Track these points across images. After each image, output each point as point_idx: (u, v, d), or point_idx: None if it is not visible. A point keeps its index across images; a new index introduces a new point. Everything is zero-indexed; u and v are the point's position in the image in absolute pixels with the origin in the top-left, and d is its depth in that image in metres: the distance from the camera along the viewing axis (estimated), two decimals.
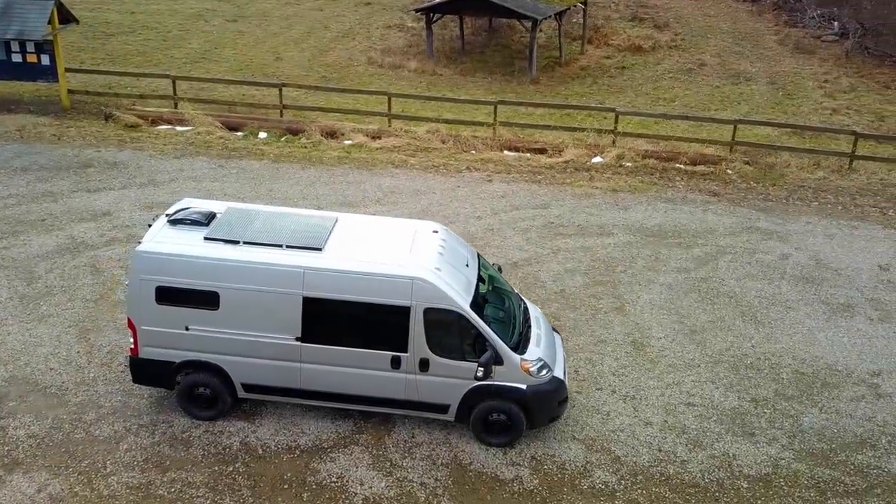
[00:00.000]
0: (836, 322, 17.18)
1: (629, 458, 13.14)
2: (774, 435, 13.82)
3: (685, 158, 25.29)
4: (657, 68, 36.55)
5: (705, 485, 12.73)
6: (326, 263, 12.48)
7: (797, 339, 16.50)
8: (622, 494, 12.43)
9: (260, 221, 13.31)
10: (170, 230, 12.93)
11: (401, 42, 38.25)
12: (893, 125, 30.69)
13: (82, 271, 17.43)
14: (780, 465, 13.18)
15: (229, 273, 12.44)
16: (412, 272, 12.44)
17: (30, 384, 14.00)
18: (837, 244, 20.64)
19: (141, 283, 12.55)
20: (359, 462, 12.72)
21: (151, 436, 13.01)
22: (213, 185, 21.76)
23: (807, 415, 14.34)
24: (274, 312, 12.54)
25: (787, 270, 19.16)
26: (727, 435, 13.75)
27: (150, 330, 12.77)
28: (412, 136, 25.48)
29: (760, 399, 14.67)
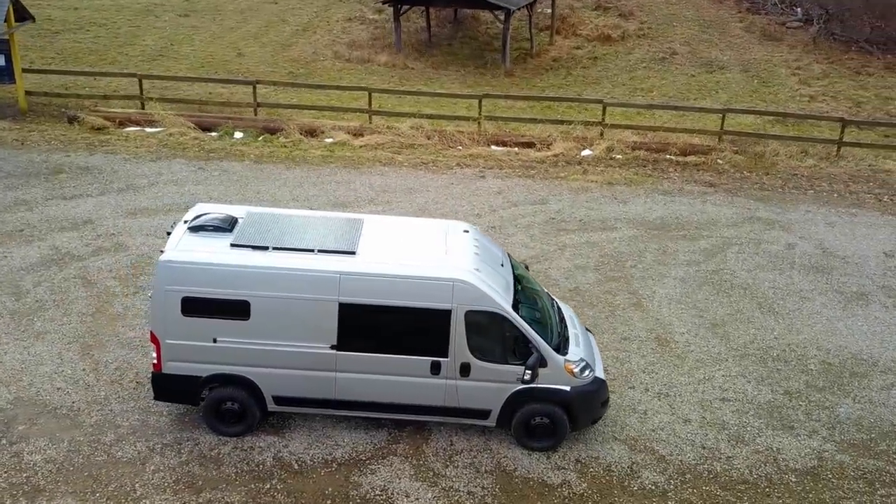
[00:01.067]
0: (853, 311, 17.56)
1: (674, 456, 13.24)
2: (814, 427, 14.07)
3: (675, 149, 25.61)
4: (629, 58, 36.93)
5: (754, 480, 12.89)
6: (362, 267, 12.31)
7: (818, 330, 16.82)
8: (674, 494, 12.52)
9: (284, 226, 13.07)
10: (192, 238, 12.62)
11: (365, 35, 37.97)
12: (871, 111, 31.51)
13: (73, 284, 16.92)
14: (825, 458, 13.41)
15: (260, 281, 12.19)
16: (452, 274, 12.35)
17: (38, 405, 13.54)
18: (840, 232, 21.11)
19: (166, 294, 12.21)
20: (401, 473, 12.59)
21: (178, 455, 12.68)
22: (197, 189, 21.32)
23: (841, 405, 14.62)
24: (308, 320, 12.32)
25: (795, 260, 19.52)
26: (767, 429, 13.95)
27: (175, 343, 12.44)
28: (396, 132, 25.32)
29: (793, 391, 14.92)
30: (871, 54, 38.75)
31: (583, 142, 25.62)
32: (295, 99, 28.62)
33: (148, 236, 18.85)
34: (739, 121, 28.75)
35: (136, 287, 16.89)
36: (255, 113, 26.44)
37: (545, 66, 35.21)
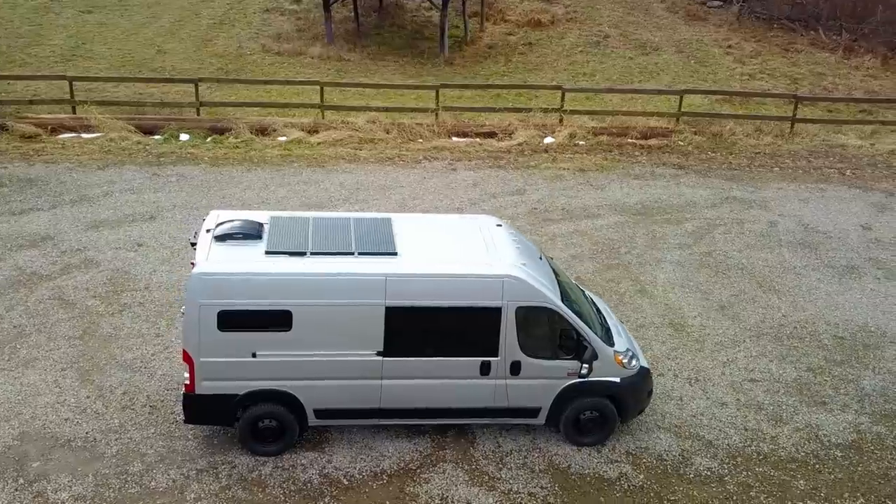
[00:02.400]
0: (848, 284, 18.37)
1: (721, 441, 13.61)
2: (844, 401, 14.68)
3: (636, 133, 26.19)
4: (563, 42, 37.49)
5: (803, 458, 13.37)
6: (408, 268, 12.18)
7: (821, 305, 17.53)
8: (730, 478, 12.87)
9: (314, 229, 12.82)
10: (222, 247, 12.23)
11: (288, 27, 37.36)
12: (808, 87, 32.92)
13: (50, 306, 16.15)
14: (862, 431, 14.02)
15: (303, 288, 11.91)
16: (501, 270, 12.36)
17: (48, 439, 12.89)
18: (815, 207, 22.03)
19: (200, 309, 11.79)
20: (455, 480, 12.54)
21: (217, 480, 12.29)
22: (157, 197, 20.64)
23: (864, 378, 15.29)
24: (353, 327, 12.13)
25: (781, 238, 20.29)
26: (801, 406, 14.48)
27: (210, 361, 12.04)
28: (352, 127, 25.07)
29: (815, 367, 15.52)
30: (794, 31, 40.44)
31: (543, 129, 25.90)
32: (233, 96, 27.92)
33: (118, 250, 18.14)
34: (689, 101, 29.55)
35: (121, 305, 16.25)
36: (198, 113, 25.71)
37: (482, 54, 35.39)
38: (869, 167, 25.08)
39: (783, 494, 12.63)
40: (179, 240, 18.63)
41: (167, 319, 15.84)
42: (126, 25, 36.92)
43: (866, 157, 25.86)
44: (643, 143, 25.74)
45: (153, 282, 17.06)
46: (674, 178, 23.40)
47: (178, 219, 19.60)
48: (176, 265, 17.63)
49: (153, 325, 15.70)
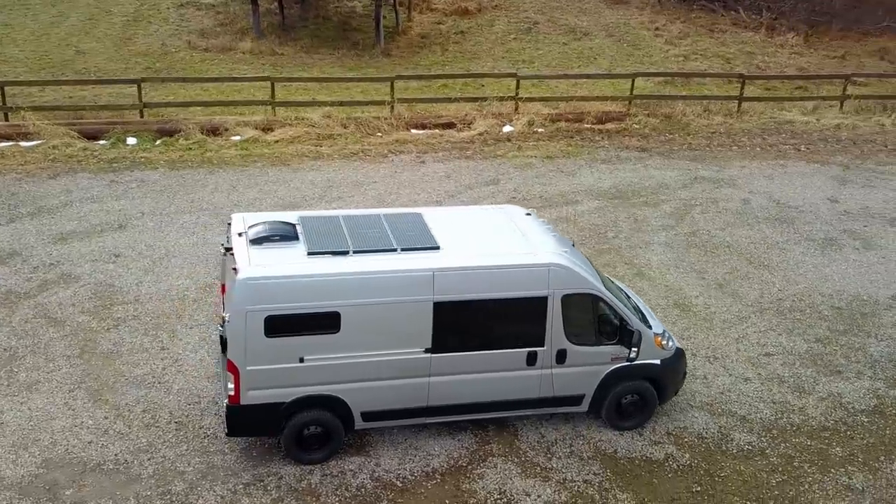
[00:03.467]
0: (832, 256, 19.30)
1: (753, 415, 14.15)
2: (857, 369, 15.45)
3: (591, 118, 26.76)
4: (493, 30, 37.91)
5: (833, 426, 14.03)
6: (454, 262, 12.25)
7: (812, 278, 18.36)
8: (771, 451, 13.41)
9: (348, 227, 12.76)
10: (261, 251, 12.05)
11: (209, 22, 36.65)
12: (742, 66, 34.21)
13: (37, 325, 15.56)
14: (881, 396, 14.80)
15: (351, 288, 11.85)
16: (547, 259, 12.56)
17: (75, 464, 12.46)
18: (781, 183, 23.01)
19: (248, 316, 11.60)
20: (509, 473, 12.69)
21: (267, 493, 12.13)
22: (122, 205, 20.08)
23: (870, 345, 16.12)
24: (401, 325, 12.13)
25: (757, 214, 21.12)
26: (819, 376, 15.18)
27: (257, 370, 11.86)
28: (308, 123, 24.85)
29: (823, 338, 16.28)
30: (714, 11, 41.90)
31: (501, 118, 26.20)
32: (171, 96, 27.26)
33: (95, 262, 17.58)
34: (640, 84, 30.28)
35: (114, 320, 15.78)
36: (142, 114, 25.01)
37: (416, 44, 35.49)
38: (820, 142, 26.29)
39: (823, 462, 13.23)
40: (157, 248, 18.19)
41: (168, 332, 15.47)
42: (33, 26, 35.58)
43: (815, 132, 27.09)
44: (601, 128, 26.32)
45: (142, 293, 16.61)
46: (640, 161, 24.02)
47: (150, 227, 19.10)
48: (161, 275, 17.20)
49: (154, 338, 15.30)
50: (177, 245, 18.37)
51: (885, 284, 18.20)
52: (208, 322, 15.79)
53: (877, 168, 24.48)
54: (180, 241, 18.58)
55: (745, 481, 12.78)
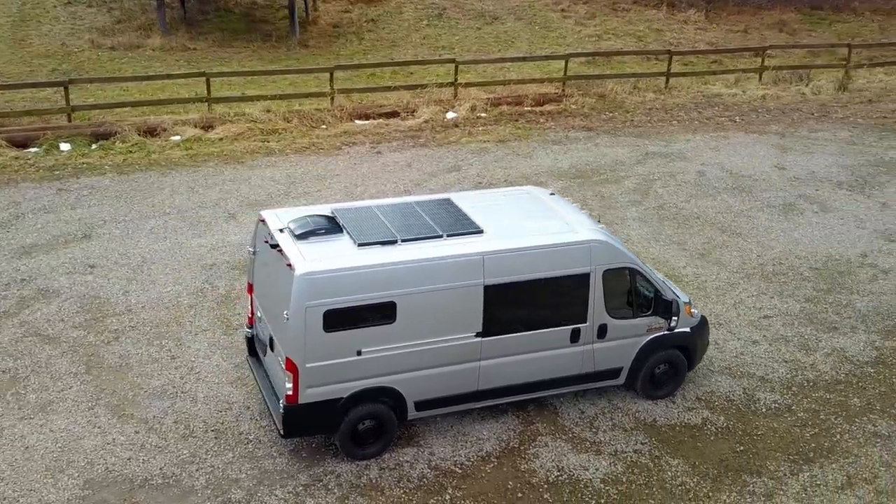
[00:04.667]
0: (795, 221, 20.55)
1: (771, 375, 15.05)
2: (851, 324, 16.59)
3: (530, 100, 27.44)
4: (403, 17, 38.19)
5: (846, 379, 15.07)
6: (500, 245, 12.57)
7: (784, 242, 19.52)
8: (797, 408, 14.31)
9: (386, 216, 12.91)
10: (310, 246, 12.06)
11: (104, 19, 35.56)
12: (654, 43, 35.63)
13: (30, 344, 15.06)
14: (878, 347, 15.96)
15: (405, 277, 12.02)
16: (588, 235, 13.04)
17: (120, 482, 12.20)
18: (727, 154, 24.23)
19: (307, 311, 11.62)
20: (561, 450, 13.13)
21: (329, 492, 12.20)
22: (79, 213, 19.49)
23: (855, 301, 17.31)
24: (453, 310, 12.38)
25: (715, 185, 22.23)
26: (819, 333, 16.23)
27: (316, 367, 11.89)
28: (249, 119, 24.59)
29: (811, 298, 17.38)
30: None
31: (443, 104, 26.56)
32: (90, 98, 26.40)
33: (71, 275, 17.06)
34: (558, 66, 31.17)
35: (112, 332, 15.42)
36: (69, 118, 24.18)
37: (330, 34, 35.43)
38: (752, 113, 27.75)
39: (846, 413, 14.21)
40: (132, 256, 17.78)
41: (173, 340, 15.22)
42: None
43: (744, 104, 28.56)
44: (541, 110, 27.01)
45: (132, 303, 16.24)
46: (589, 141, 24.82)
47: (117, 234, 18.62)
48: (146, 283, 16.84)
49: (161, 348, 15.03)
50: (152, 251, 17.98)
51: (851, 244, 19.49)
52: (212, 327, 15.60)
53: (810, 135, 26.03)
54: (154, 246, 18.18)
55: (781, 437, 13.58)
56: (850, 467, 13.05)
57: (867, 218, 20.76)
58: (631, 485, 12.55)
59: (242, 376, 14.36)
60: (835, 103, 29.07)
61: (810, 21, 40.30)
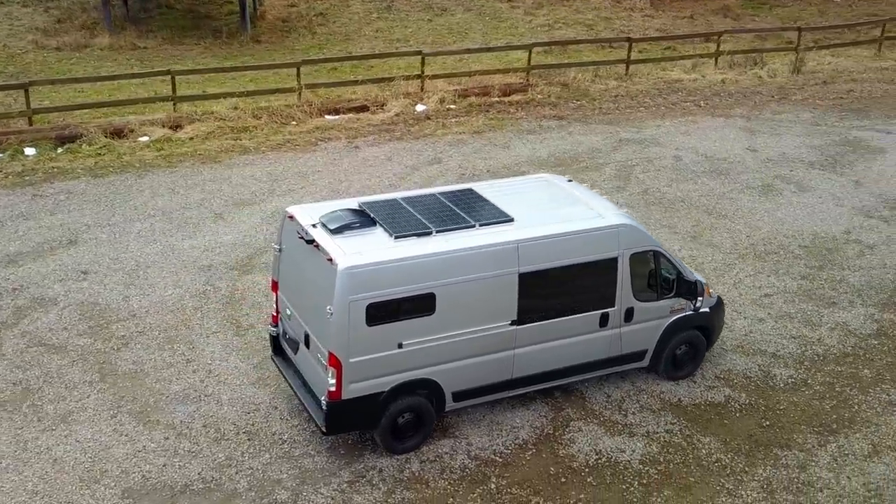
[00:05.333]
0: (776, 201, 21.20)
1: (782, 351, 15.56)
2: (848, 299, 17.23)
3: (496, 91, 27.70)
4: (352, 10, 38.11)
5: (853, 352, 15.66)
6: (532, 232, 12.76)
7: (769, 222, 20.13)
8: (812, 381, 14.84)
9: (415, 208, 12.99)
10: (347, 240, 12.09)
11: (42, 19, 34.74)
12: (605, 31, 36.22)
13: (36, 354, 14.76)
14: (877, 319, 16.61)
15: (444, 267, 12.13)
16: (615, 220, 13.32)
17: (162, 490, 12.08)
18: (699, 138, 24.84)
19: (350, 306, 11.66)
20: (595, 434, 13.40)
21: (375, 487, 12.25)
22: (60, 219, 19.12)
23: (848, 277, 17.97)
24: (489, 300, 12.53)
25: (693, 169, 22.79)
26: (820, 309, 16.82)
27: (359, 361, 11.93)
28: (218, 117, 24.34)
29: (806, 275, 17.99)
30: None
31: (411, 97, 26.64)
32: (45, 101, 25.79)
33: (65, 282, 16.76)
34: (517, 56, 31.50)
35: (119, 339, 15.20)
36: (30, 122, 23.62)
37: (280, 28, 35.20)
38: (715, 97, 28.46)
39: (858, 383, 14.79)
40: (124, 261, 17.52)
41: (185, 344, 15.07)
42: None
43: (705, 88, 29.28)
44: (508, 100, 27.28)
45: (135, 308, 16.02)
46: (562, 129, 25.18)
47: (104, 239, 18.31)
48: (145, 287, 16.62)
49: (174, 352, 14.88)
50: (144, 255, 17.72)
51: (833, 221, 20.20)
52: (222, 329, 15.49)
53: (774, 118, 26.82)
54: (145, 250, 17.93)
55: (803, 411, 14.07)
56: (874, 436, 13.57)
57: (844, 196, 21.50)
58: (669, 464, 12.86)
59: (264, 376, 14.30)
60: (792, 86, 29.95)
61: (752, 6, 41.39)
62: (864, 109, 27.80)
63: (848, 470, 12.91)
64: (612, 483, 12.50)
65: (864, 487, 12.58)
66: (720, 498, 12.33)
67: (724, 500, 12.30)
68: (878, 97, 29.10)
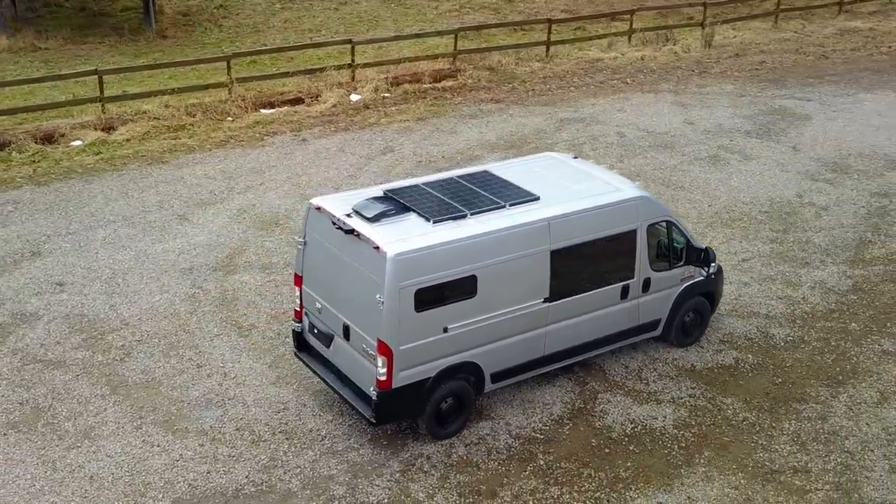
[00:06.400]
0: (726, 170, 22.25)
1: (773, 312, 16.45)
2: (819, 258, 18.31)
3: (427, 77, 27.98)
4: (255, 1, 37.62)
5: (837, 307, 16.69)
6: (560, 209, 13.13)
7: (725, 191, 21.14)
8: (808, 338, 15.76)
9: (441, 192, 13.20)
10: (386, 227, 12.17)
11: None
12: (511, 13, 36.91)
13: (32, 372, 14.28)
14: (850, 276, 17.72)
15: (484, 249, 12.38)
16: (632, 193, 13.86)
17: (214, 497, 11.93)
18: (636, 114, 25.73)
19: (400, 293, 11.81)
20: (625, 404, 13.92)
21: (427, 474, 12.42)
22: (15, 231, 18.46)
23: (812, 238, 19.08)
24: (524, 278, 12.85)
25: (639, 144, 23.65)
26: (797, 269, 17.83)
27: (408, 348, 12.07)
28: (151, 116, 23.81)
29: (772, 239, 19.00)
30: None
31: (344, 87, 26.65)
32: None
33: (41, 295, 16.22)
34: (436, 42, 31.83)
35: (119, 349, 14.85)
36: None
37: (184, 23, 34.51)
38: (639, 74, 29.49)
39: (850, 336, 15.80)
40: (98, 269, 17.08)
41: (190, 349, 14.86)
42: None
43: (627, 66, 30.30)
44: (441, 86, 27.59)
45: (125, 316, 15.67)
46: (502, 112, 25.66)
47: (69, 248, 17.77)
48: (130, 295, 16.26)
49: (181, 358, 14.66)
50: (117, 262, 17.30)
51: (784, 186, 21.36)
52: (224, 331, 15.34)
53: (700, 91, 28.00)
54: (116, 257, 17.49)
55: (808, 366, 14.96)
56: (878, 384, 14.55)
57: (786, 162, 22.71)
58: (701, 426, 13.49)
59: (283, 375, 14.25)
60: (708, 60, 31.28)
61: None
62: (780, 79, 29.28)
63: (864, 417, 13.80)
64: (653, 449, 13.01)
65: (885, 432, 13.49)
66: (757, 454, 13.00)
67: (762, 456, 12.97)
68: (790, 67, 30.69)
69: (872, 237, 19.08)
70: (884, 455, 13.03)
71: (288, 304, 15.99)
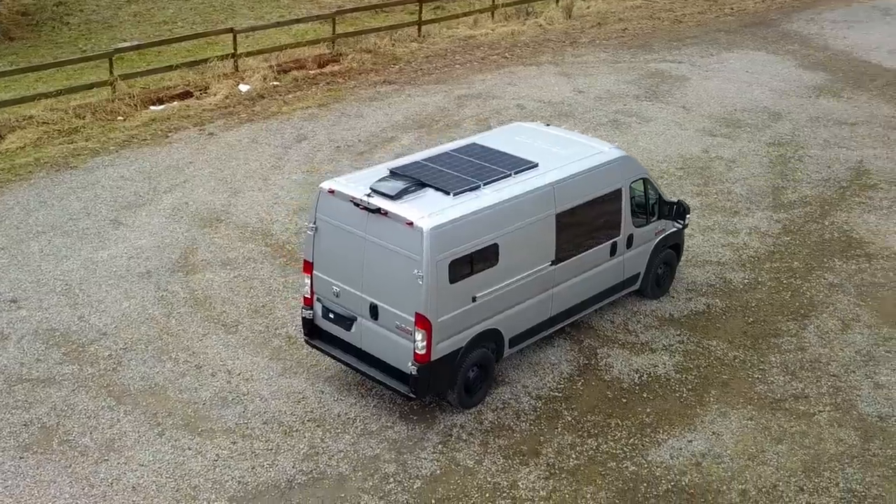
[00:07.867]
0: (631, 133, 23.62)
1: (725, 259, 17.80)
2: (744, 206, 19.88)
3: (313, 63, 28.11)
4: None
5: (776, 249, 18.26)
6: (559, 174, 13.90)
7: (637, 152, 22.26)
8: (763, 280, 17.20)
9: (447, 165, 13.68)
10: (411, 203, 12.52)
11: None
12: None
13: (22, 391, 13.77)
14: (778, 220, 19.38)
15: (503, 217, 12.97)
16: (615, 153, 14.81)
17: (269, 491, 12.00)
18: (527, 87, 26.76)
19: (437, 266, 12.28)
20: (624, 357, 14.85)
21: (467, 443, 12.94)
22: None
23: (731, 188, 20.70)
24: (535, 243, 13.55)
25: (542, 114, 24.60)
26: (730, 218, 19.32)
27: (445, 320, 12.53)
28: (39, 121, 22.94)
29: (698, 192, 20.46)
30: None
31: (232, 78, 26.42)
32: None
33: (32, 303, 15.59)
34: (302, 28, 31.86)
35: (108, 360, 14.53)
36: None
37: (26, 23, 32.99)
38: (514, 48, 30.60)
39: (797, 273, 17.41)
40: (48, 283, 16.51)
41: (183, 351, 14.74)
42: None
43: (501, 41, 31.36)
44: (328, 71, 27.77)
45: (100, 326, 15.31)
46: (400, 94, 26.15)
47: (5, 263, 17.06)
48: (94, 304, 15.86)
49: (176, 361, 14.52)
50: (65, 272, 16.77)
51: (688, 143, 22.98)
52: (210, 330, 15.28)
53: (578, 60, 29.39)
54: (62, 268, 16.95)
55: (772, 304, 16.41)
56: (837, 314, 16.17)
57: (682, 121, 24.35)
58: (699, 368, 14.63)
59: (288, 366, 14.39)
60: (573, 30, 32.76)
61: None
62: (647, 45, 31.09)
63: (836, 344, 15.33)
64: (664, 394, 14.03)
65: (859, 355, 15.06)
66: (758, 386, 14.26)
67: (762, 388, 14.23)
68: (651, 32, 32.61)
69: (784, 183, 20.86)
70: (865, 375, 14.53)
71: (264, 298, 16.01)
